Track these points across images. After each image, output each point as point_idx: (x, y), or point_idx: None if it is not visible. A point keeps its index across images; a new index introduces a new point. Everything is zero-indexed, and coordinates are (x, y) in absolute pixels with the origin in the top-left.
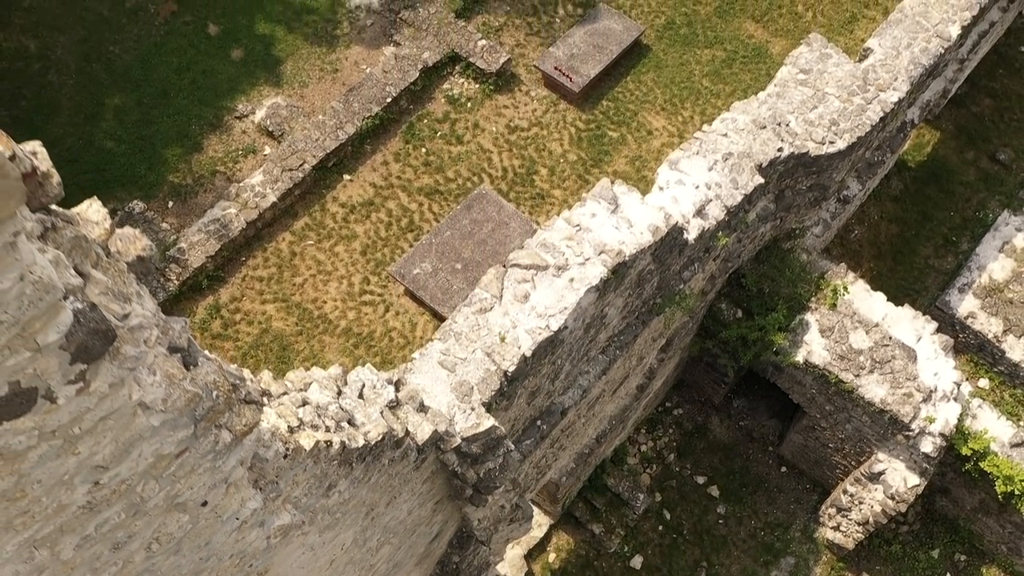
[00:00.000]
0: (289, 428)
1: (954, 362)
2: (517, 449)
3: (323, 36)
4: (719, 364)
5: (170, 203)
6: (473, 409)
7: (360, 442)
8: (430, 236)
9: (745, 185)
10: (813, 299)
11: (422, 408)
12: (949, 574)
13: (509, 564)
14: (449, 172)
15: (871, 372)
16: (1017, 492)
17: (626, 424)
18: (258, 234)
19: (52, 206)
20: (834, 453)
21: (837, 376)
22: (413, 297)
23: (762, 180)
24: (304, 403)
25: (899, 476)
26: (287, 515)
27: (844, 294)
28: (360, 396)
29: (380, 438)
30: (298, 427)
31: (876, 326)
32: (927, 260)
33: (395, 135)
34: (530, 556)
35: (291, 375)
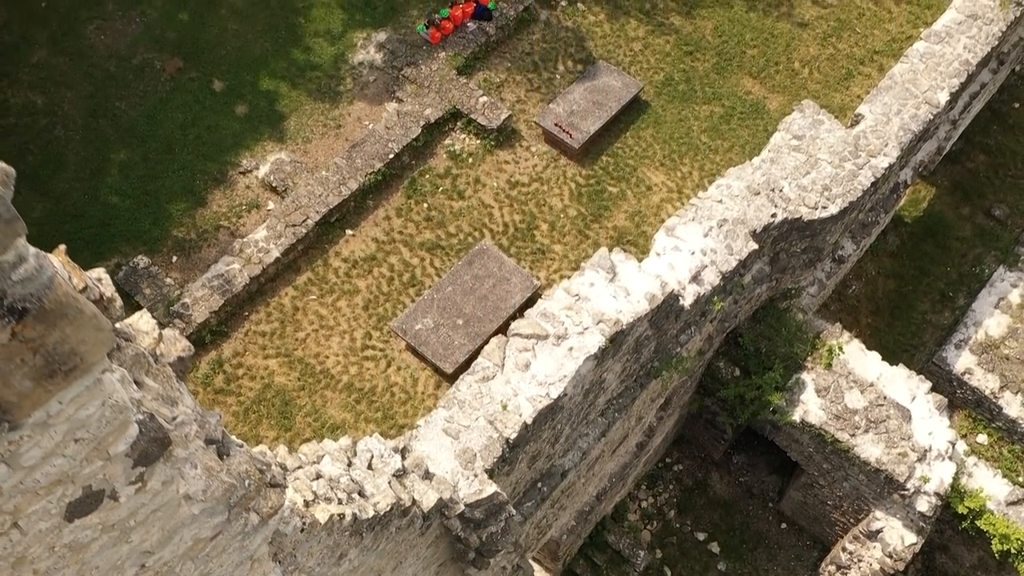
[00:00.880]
0: (305, 502)
1: (948, 421)
2: (518, 511)
3: (326, 92)
4: (718, 421)
5: (174, 258)
6: (476, 476)
7: (370, 513)
8: (432, 292)
9: (740, 251)
10: (809, 358)
11: (427, 475)
12: None
13: None
14: (451, 227)
15: (866, 432)
16: (1014, 550)
17: (626, 481)
18: (261, 289)
19: (115, 325)
20: (833, 510)
21: (833, 436)
22: (415, 352)
23: (756, 246)
24: (318, 476)
25: (896, 534)
26: None
27: (839, 354)
28: (369, 467)
29: (389, 508)
30: (313, 501)
31: (871, 386)
32: (924, 315)
33: (397, 190)
34: None
35: (305, 448)
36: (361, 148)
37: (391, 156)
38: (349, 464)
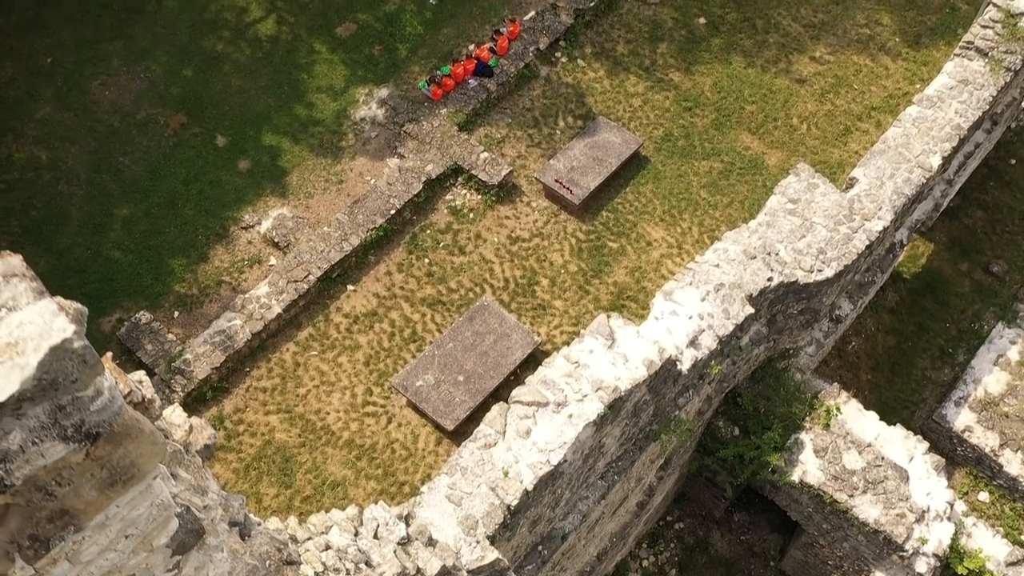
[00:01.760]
0: (315, 574)
1: (946, 481)
2: (520, 575)
3: (328, 148)
4: (718, 480)
5: (176, 313)
6: (478, 542)
7: None
8: (432, 348)
9: (736, 315)
10: (807, 418)
11: (431, 542)
12: None
13: None
14: (451, 282)
15: (864, 492)
16: None
17: (627, 540)
18: (262, 345)
19: (156, 423)
20: (834, 570)
21: (832, 496)
22: (416, 409)
23: (752, 310)
24: (327, 547)
25: None
26: None
27: (837, 414)
28: (375, 535)
29: None
30: (323, 572)
31: (869, 446)
32: (924, 372)
33: (398, 245)
34: None
35: (314, 519)
36: (363, 204)
37: (393, 212)
38: (356, 533)
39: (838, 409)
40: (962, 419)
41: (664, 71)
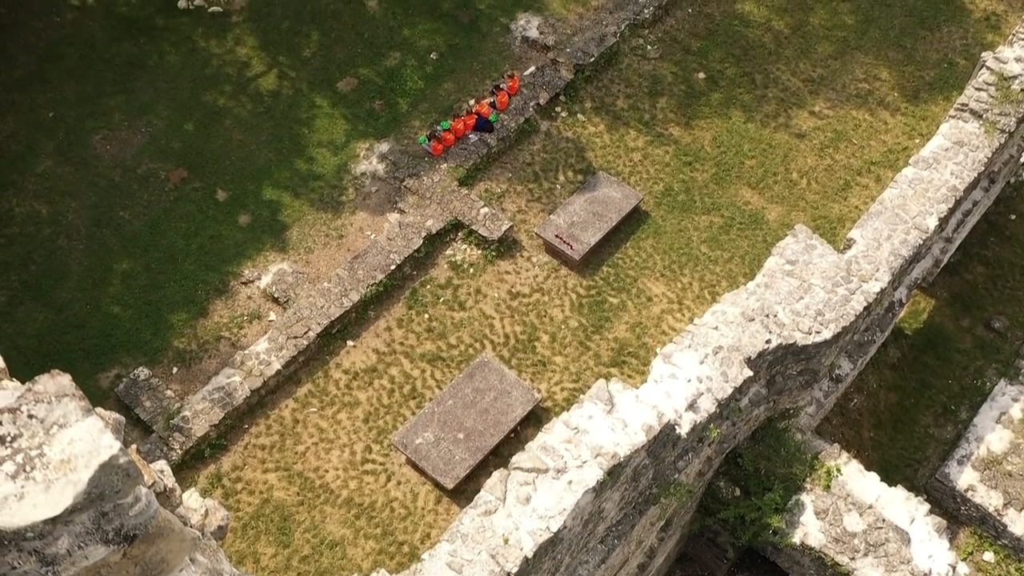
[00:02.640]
0: None
1: (948, 543)
2: None
3: (329, 202)
4: (720, 541)
5: (175, 369)
6: None
7: None
8: (432, 405)
9: (735, 378)
10: (808, 479)
11: None
12: None
13: None
14: (451, 338)
15: (865, 555)
16: None
17: None
18: (261, 401)
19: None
20: None
21: (833, 559)
22: (415, 467)
23: (751, 373)
24: None
25: None
26: None
27: (838, 475)
28: None
29: None
30: None
31: (870, 508)
32: (927, 429)
33: (398, 300)
34: None
35: None
36: (363, 259)
37: (393, 267)
38: None
39: (838, 470)
40: (965, 478)
41: (664, 125)
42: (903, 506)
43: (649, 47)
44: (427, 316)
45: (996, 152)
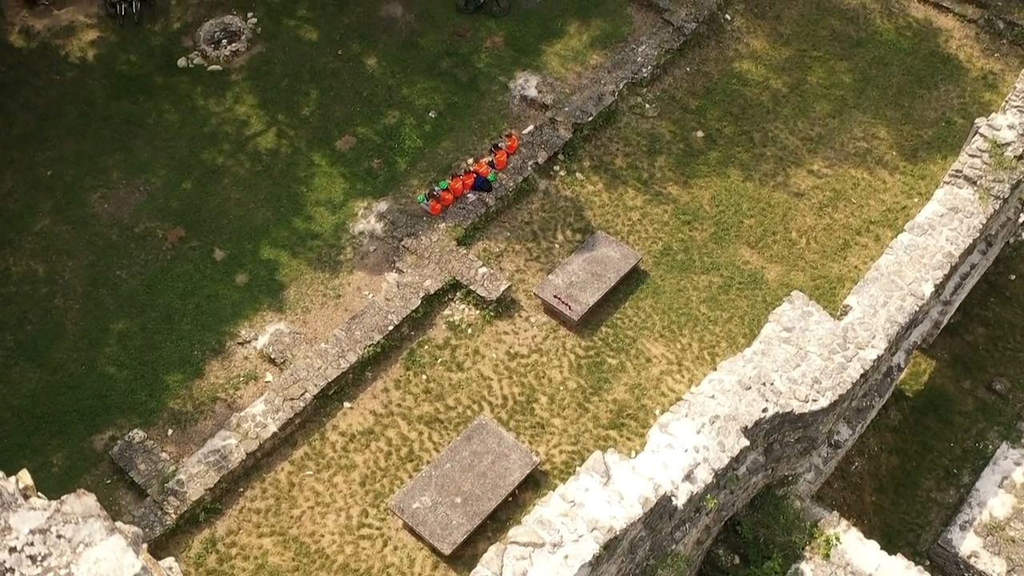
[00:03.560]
0: None
1: None
2: None
3: (326, 261)
4: None
5: (170, 431)
6: None
7: None
8: (430, 468)
9: (731, 448)
10: (807, 548)
11: None
12: None
13: None
14: (449, 400)
15: None
16: None
17: None
18: (257, 464)
19: None
20: None
21: None
22: (412, 532)
23: (747, 443)
24: None
25: None
26: None
27: (837, 543)
28: None
29: None
30: None
31: None
32: (929, 493)
33: (396, 361)
34: None
35: None
36: (360, 319)
37: (391, 328)
38: None
39: (838, 539)
40: (968, 544)
41: (662, 184)
42: (903, 575)
43: (647, 106)
44: (425, 377)
45: (991, 218)
